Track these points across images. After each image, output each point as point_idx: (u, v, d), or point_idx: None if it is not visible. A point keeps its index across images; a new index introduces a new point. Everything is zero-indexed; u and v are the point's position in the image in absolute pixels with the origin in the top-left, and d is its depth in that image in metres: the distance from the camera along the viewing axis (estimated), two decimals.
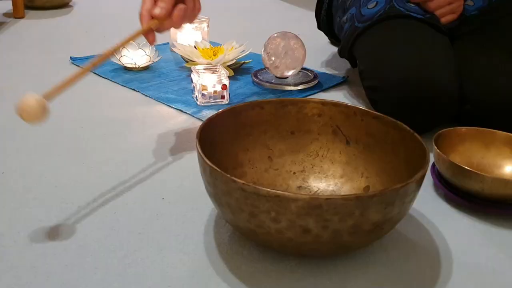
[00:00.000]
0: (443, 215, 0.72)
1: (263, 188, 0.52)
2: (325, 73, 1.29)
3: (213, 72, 1.08)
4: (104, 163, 0.83)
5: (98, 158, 0.85)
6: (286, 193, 0.52)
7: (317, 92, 1.17)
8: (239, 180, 0.54)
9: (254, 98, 1.11)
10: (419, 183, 0.58)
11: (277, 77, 1.21)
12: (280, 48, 1.16)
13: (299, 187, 0.76)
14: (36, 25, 1.71)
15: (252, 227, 0.57)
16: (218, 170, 0.56)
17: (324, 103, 0.77)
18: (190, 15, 0.84)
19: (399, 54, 0.92)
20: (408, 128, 0.68)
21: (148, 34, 0.82)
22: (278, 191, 0.52)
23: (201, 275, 0.59)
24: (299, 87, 1.17)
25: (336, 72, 1.31)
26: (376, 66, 0.95)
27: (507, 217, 0.71)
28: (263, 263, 0.61)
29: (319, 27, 1.33)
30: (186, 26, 1.39)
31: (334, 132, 0.78)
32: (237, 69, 1.28)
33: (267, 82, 1.18)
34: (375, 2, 1.04)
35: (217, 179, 0.56)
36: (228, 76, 1.07)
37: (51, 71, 1.26)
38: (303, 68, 1.27)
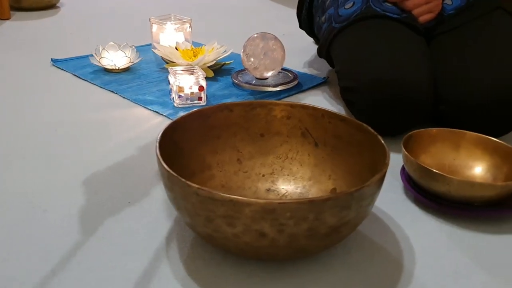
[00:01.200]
0: (411, 218, 0.72)
1: (218, 193, 0.52)
2: (306, 73, 1.29)
3: (190, 74, 1.08)
4: (74, 167, 0.83)
5: (69, 162, 0.84)
6: (240, 197, 0.52)
7: (296, 93, 1.17)
8: (193, 185, 0.53)
9: (233, 100, 1.11)
10: (378, 185, 0.58)
11: (257, 78, 1.20)
12: (259, 49, 1.16)
13: (268, 190, 0.76)
14: (21, 26, 1.71)
15: (210, 232, 0.57)
16: (174, 174, 0.55)
17: (292, 105, 0.77)
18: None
19: (374, 55, 0.91)
20: (372, 131, 0.68)
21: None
22: (232, 196, 0.52)
23: (159, 279, 0.58)
24: (278, 88, 1.16)
25: (319, 72, 1.30)
26: (351, 67, 0.94)
27: (474, 219, 0.71)
28: (223, 267, 0.60)
29: (301, 27, 1.32)
30: (168, 27, 1.39)
31: (303, 134, 0.77)
32: (218, 70, 1.27)
33: (246, 83, 1.18)
34: (352, 3, 1.03)
35: (174, 184, 0.56)
36: (207, 77, 1.07)
37: (31, 72, 1.26)
38: (284, 69, 1.27)
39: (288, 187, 0.76)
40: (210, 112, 0.75)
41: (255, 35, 1.19)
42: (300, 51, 1.46)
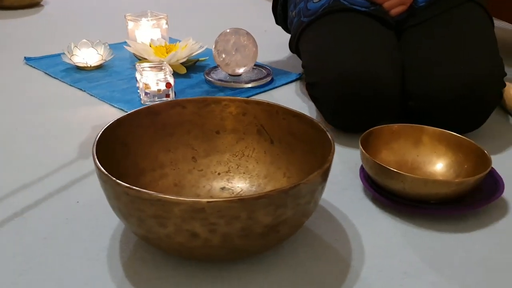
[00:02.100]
0: (367, 216, 0.70)
1: (146, 192, 0.50)
2: (281, 70, 1.27)
3: (158, 70, 1.06)
4: (30, 166, 0.81)
5: (26, 161, 0.83)
6: (168, 196, 0.50)
7: (269, 90, 1.15)
8: (123, 184, 0.52)
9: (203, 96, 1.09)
10: (318, 182, 0.56)
11: (230, 74, 1.18)
12: (230, 45, 1.14)
13: (223, 188, 0.74)
14: (1, 25, 1.70)
15: (144, 233, 0.55)
16: (105, 172, 0.54)
17: (247, 101, 0.75)
18: None
19: (338, 50, 0.89)
20: (322, 126, 0.66)
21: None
22: (160, 195, 0.50)
23: (95, 281, 0.57)
24: (250, 85, 1.15)
25: (296, 69, 1.28)
26: (316, 62, 0.92)
27: (431, 218, 0.69)
28: (163, 269, 0.59)
29: (277, 22, 1.30)
30: (144, 24, 1.38)
31: (259, 131, 0.75)
32: (192, 67, 1.26)
33: (218, 80, 1.16)
34: None
35: (105, 182, 0.54)
36: (180, 74, 1.05)
37: (4, 71, 1.24)
38: (258, 65, 1.25)
39: (244, 185, 0.74)
40: (161, 109, 0.73)
41: (227, 31, 1.17)
42: (280, 47, 1.43)
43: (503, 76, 0.89)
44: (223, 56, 1.14)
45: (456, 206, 0.69)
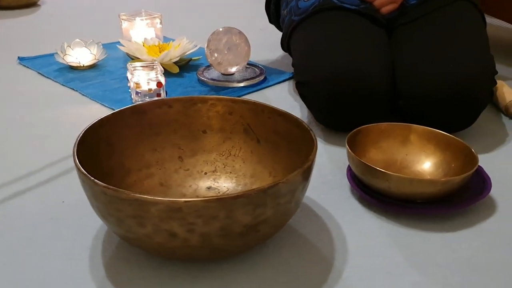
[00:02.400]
0: (353, 216, 0.69)
1: (123, 191, 0.50)
2: (276, 69, 1.26)
3: (150, 70, 1.06)
4: (18, 165, 0.81)
5: (14, 160, 0.83)
6: (145, 196, 0.49)
7: (261, 89, 1.14)
8: (100, 183, 0.51)
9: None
10: (299, 181, 0.55)
11: (222, 74, 1.18)
12: (222, 44, 1.13)
13: (209, 188, 0.74)
14: None
15: (124, 233, 0.55)
16: (84, 172, 0.53)
17: (234, 100, 0.75)
18: None
19: (328, 49, 0.88)
20: (306, 125, 0.65)
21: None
22: (137, 195, 0.50)
23: (76, 281, 0.56)
24: (242, 84, 1.14)
25: (290, 68, 1.28)
26: (305, 61, 0.92)
27: (418, 217, 0.68)
28: (145, 269, 0.58)
29: (270, 21, 1.30)
30: (138, 23, 1.37)
31: (245, 130, 0.75)
32: (185, 66, 1.25)
33: (211, 79, 1.16)
34: None
35: (84, 182, 0.54)
36: (172, 74, 1.04)
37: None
38: (252, 64, 1.25)
39: (230, 184, 0.74)
40: (147, 108, 0.72)
41: (220, 30, 1.16)
42: (275, 46, 1.42)
43: (493, 74, 0.88)
44: (216, 55, 1.14)
45: (442, 205, 0.68)
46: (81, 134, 0.62)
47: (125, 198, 0.50)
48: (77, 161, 0.56)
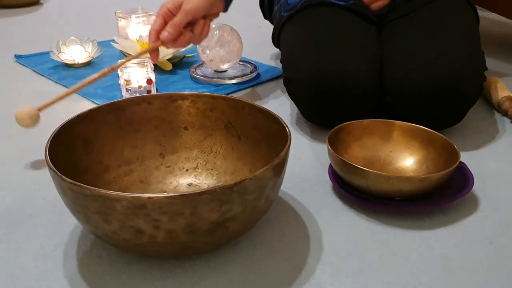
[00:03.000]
0: (331, 213, 0.69)
1: (88, 188, 0.50)
2: (269, 66, 1.26)
3: (140, 67, 1.06)
4: (1, 161, 0.82)
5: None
6: (109, 192, 0.49)
7: (253, 85, 1.14)
8: (67, 179, 0.51)
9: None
10: (268, 178, 0.55)
11: (215, 71, 1.18)
12: (213, 41, 1.13)
13: (190, 185, 0.74)
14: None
15: (92, 229, 0.55)
16: (53, 168, 0.53)
17: (214, 97, 0.74)
18: (196, 40, 0.92)
19: (314, 46, 0.88)
20: (283, 122, 0.65)
21: (152, 52, 0.90)
22: (101, 191, 0.50)
23: (47, 276, 0.57)
24: (234, 81, 1.14)
25: None
26: (292, 57, 0.91)
27: (396, 215, 0.67)
28: (117, 265, 0.58)
29: (265, 17, 1.29)
30: (134, 20, 1.38)
31: (226, 127, 0.75)
32: (179, 63, 1.25)
33: (203, 76, 1.16)
34: None
35: (54, 178, 0.54)
36: (163, 70, 1.04)
37: None
38: (246, 61, 1.25)
39: (211, 181, 0.74)
40: (126, 105, 0.73)
41: (212, 26, 1.16)
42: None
43: (483, 70, 0.87)
44: (207, 52, 1.14)
45: (421, 202, 0.67)
46: (55, 131, 0.62)
47: (90, 195, 0.50)
48: (48, 157, 0.56)
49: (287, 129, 0.63)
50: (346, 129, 0.78)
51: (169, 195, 0.49)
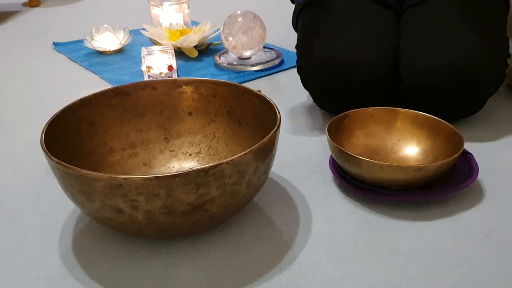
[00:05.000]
0: (327, 201, 0.68)
1: (70, 167, 0.52)
2: (295, 52, 1.25)
3: (162, 53, 1.09)
4: (17, 143, 0.87)
5: (13, 138, 0.88)
6: (89, 172, 0.51)
7: (275, 73, 1.14)
8: (54, 158, 0.54)
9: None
10: (247, 163, 0.55)
11: (238, 57, 1.19)
12: (236, 28, 1.14)
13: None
14: (47, 13, 1.80)
15: (80, 207, 0.57)
16: (44, 148, 0.56)
17: (216, 83, 0.75)
18: None
19: (325, 33, 0.86)
20: (276, 108, 0.65)
21: None
22: (82, 170, 0.52)
23: (42, 251, 0.60)
24: (256, 68, 1.14)
25: None
26: (306, 44, 0.90)
27: (394, 205, 0.66)
28: (108, 243, 0.61)
29: (292, 2, 1.28)
30: (166, 8, 1.40)
31: (228, 113, 0.76)
32: (205, 50, 1.27)
33: (227, 63, 1.17)
34: None
35: (47, 159, 0.57)
36: (188, 57, 1.06)
37: (34, 57, 1.32)
38: (270, 48, 1.24)
39: None
40: (130, 90, 0.75)
41: (238, 13, 1.17)
42: None
43: (504, 58, 0.82)
44: (230, 39, 1.15)
45: (414, 193, 0.65)
46: (56, 114, 0.65)
47: (72, 174, 0.52)
48: (43, 138, 0.59)
49: (278, 115, 0.63)
50: (351, 116, 0.77)
51: (144, 176, 0.51)
